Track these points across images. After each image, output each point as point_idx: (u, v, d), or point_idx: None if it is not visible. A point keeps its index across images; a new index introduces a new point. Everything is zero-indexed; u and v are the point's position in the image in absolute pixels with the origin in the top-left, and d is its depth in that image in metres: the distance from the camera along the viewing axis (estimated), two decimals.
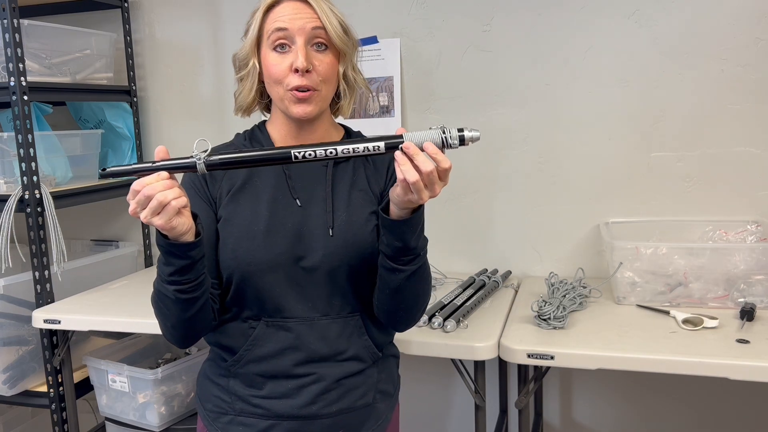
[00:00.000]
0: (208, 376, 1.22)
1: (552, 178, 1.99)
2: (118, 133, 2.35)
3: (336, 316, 1.14)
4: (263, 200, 1.13)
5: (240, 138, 1.22)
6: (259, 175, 1.15)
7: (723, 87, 1.82)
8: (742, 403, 1.93)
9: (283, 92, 1.11)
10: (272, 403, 1.14)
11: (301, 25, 1.10)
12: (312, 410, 1.13)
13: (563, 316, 1.52)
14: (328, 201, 1.15)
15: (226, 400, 1.17)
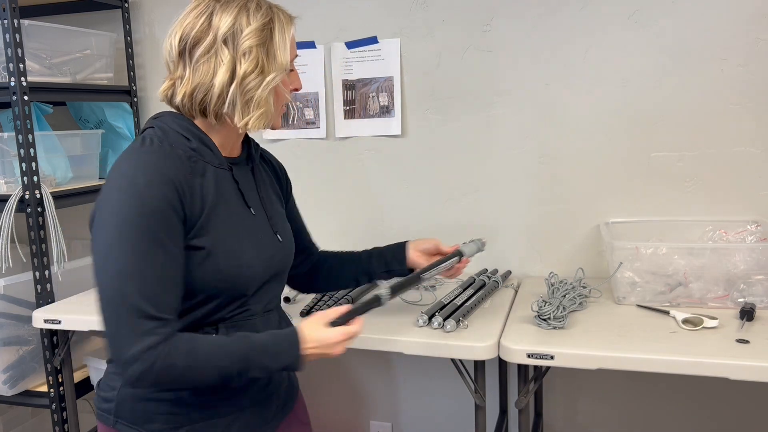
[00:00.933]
0: (144, 397, 1.11)
1: (552, 178, 1.99)
2: (119, 133, 2.35)
3: (277, 308, 1.26)
4: (236, 214, 1.14)
5: (176, 137, 1.10)
6: (222, 188, 1.12)
7: (723, 87, 1.82)
8: (742, 403, 1.93)
9: (279, 108, 1.18)
10: (230, 401, 1.15)
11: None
12: (259, 399, 1.19)
13: (563, 316, 1.52)
14: (265, 206, 1.22)
15: (179, 413, 1.11)
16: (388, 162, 2.16)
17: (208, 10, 1.09)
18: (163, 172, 1.03)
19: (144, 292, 0.99)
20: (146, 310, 0.99)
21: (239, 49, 1.07)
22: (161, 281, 1.01)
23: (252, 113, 1.10)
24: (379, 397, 2.30)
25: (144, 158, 1.05)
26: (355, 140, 2.17)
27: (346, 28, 2.12)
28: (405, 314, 1.68)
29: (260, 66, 1.09)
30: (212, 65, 1.07)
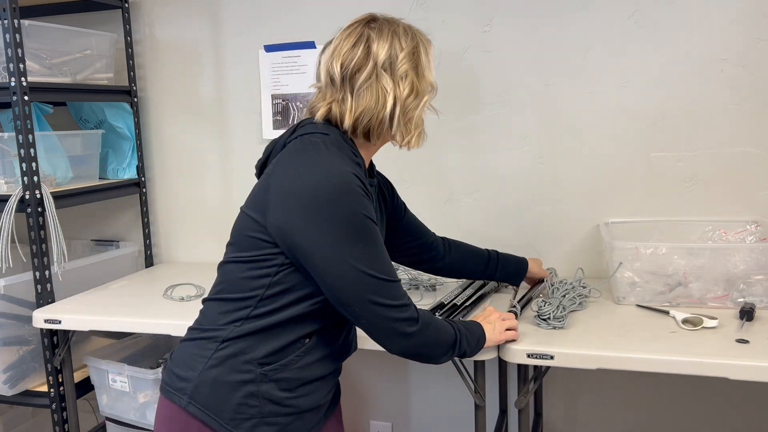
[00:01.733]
0: (227, 383, 1.15)
1: (552, 178, 2.00)
2: (119, 133, 2.35)
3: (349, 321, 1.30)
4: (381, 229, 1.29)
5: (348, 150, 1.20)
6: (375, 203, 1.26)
7: (723, 87, 1.82)
8: (741, 403, 1.93)
9: (422, 130, 1.26)
10: (300, 401, 1.19)
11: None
12: (328, 398, 1.27)
13: (563, 316, 1.52)
14: (382, 225, 1.35)
15: (254, 405, 1.15)
16: (388, 162, 2.16)
17: (363, 38, 1.19)
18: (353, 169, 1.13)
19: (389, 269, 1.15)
20: (393, 279, 1.15)
21: (397, 74, 1.18)
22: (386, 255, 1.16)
23: (413, 133, 1.22)
24: (379, 397, 2.30)
25: (333, 155, 1.14)
26: None
27: None
28: None
29: (415, 88, 1.20)
30: (375, 90, 1.18)
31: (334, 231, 1.07)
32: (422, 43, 1.22)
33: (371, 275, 1.09)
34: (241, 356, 1.15)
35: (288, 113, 2.22)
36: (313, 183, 1.08)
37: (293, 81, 2.17)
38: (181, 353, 1.21)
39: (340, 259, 1.08)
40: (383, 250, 1.13)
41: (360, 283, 1.09)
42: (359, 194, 1.09)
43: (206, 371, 1.15)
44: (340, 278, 1.09)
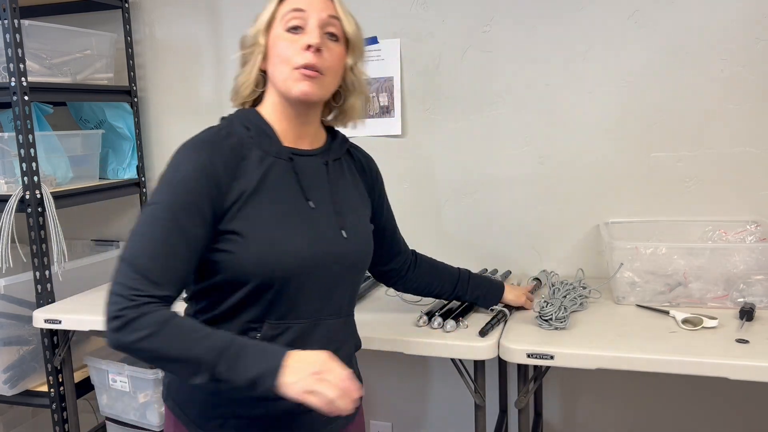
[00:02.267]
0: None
1: (552, 178, 2.00)
2: (119, 133, 2.35)
3: (339, 317, 1.18)
4: (282, 202, 1.11)
5: (239, 127, 1.13)
6: (273, 176, 1.11)
7: (723, 87, 1.82)
8: (741, 403, 1.93)
9: (289, 71, 1.09)
10: (271, 404, 1.11)
11: (319, 8, 1.11)
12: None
13: (565, 316, 1.52)
14: (335, 202, 1.17)
15: (217, 404, 1.12)
16: (388, 162, 2.15)
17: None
18: (203, 156, 1.06)
19: (145, 255, 1.01)
20: (142, 273, 0.99)
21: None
22: (165, 248, 1.01)
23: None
24: (379, 397, 2.30)
25: (191, 144, 1.09)
26: (355, 140, 2.16)
27: None
28: (405, 314, 1.68)
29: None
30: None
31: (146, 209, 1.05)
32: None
33: (127, 251, 1.02)
34: None
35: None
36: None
37: None
38: None
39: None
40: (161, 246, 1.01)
41: (122, 251, 1.04)
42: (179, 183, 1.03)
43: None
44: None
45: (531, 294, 1.70)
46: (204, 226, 1.04)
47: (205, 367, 0.96)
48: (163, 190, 1.04)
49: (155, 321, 0.97)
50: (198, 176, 1.04)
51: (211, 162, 1.05)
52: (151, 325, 0.96)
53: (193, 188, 1.03)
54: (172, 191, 1.03)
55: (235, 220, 1.06)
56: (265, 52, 1.13)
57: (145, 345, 0.96)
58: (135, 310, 0.97)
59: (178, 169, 1.05)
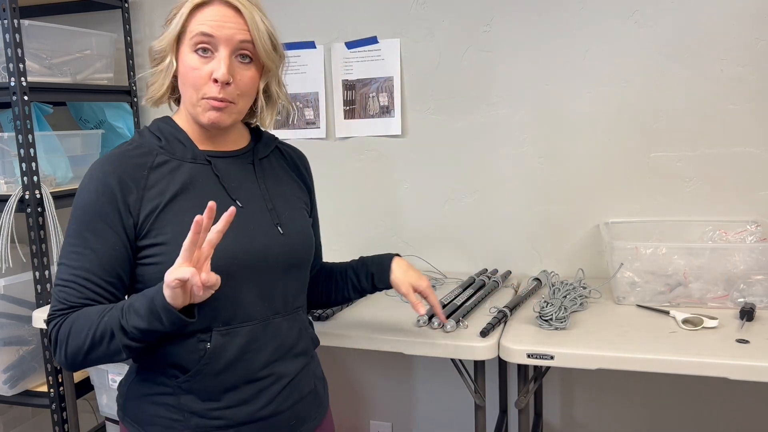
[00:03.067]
0: (147, 397, 1.11)
1: (552, 177, 2.00)
2: (119, 133, 2.35)
3: (287, 314, 1.17)
4: (205, 206, 1.03)
5: (149, 138, 1.13)
6: (193, 181, 1.10)
7: (723, 87, 1.82)
8: (741, 403, 1.93)
9: (197, 99, 1.08)
10: (232, 412, 1.10)
11: (229, 35, 1.07)
12: (271, 409, 1.13)
13: (565, 316, 1.52)
14: (266, 198, 1.16)
15: (178, 419, 1.09)
16: (388, 162, 2.16)
17: None
18: (106, 171, 1.07)
19: (59, 279, 1.06)
20: (57, 296, 1.05)
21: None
22: (77, 271, 1.04)
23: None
24: (379, 397, 2.30)
25: (99, 160, 1.11)
26: (355, 140, 2.18)
27: (346, 28, 2.12)
28: (405, 314, 1.68)
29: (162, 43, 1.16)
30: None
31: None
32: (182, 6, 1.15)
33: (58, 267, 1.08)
34: (158, 367, 1.10)
35: (288, 113, 2.22)
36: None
37: (293, 81, 2.17)
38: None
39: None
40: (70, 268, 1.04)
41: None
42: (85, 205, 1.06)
43: (132, 386, 1.15)
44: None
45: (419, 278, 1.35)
46: (118, 244, 1.05)
47: (115, 327, 1.00)
48: (73, 215, 1.07)
49: (67, 324, 1.03)
50: (100, 196, 1.05)
51: (114, 178, 1.06)
52: (66, 328, 1.03)
53: (97, 210, 1.05)
54: (79, 217, 1.06)
55: (153, 231, 1.06)
56: (175, 67, 1.12)
57: (72, 347, 1.02)
58: (54, 330, 1.05)
59: (82, 193, 1.07)
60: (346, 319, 1.66)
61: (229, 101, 1.08)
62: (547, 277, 1.86)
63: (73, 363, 1.04)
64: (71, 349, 1.03)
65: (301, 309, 1.22)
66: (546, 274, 1.88)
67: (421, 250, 2.14)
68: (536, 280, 1.85)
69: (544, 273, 1.89)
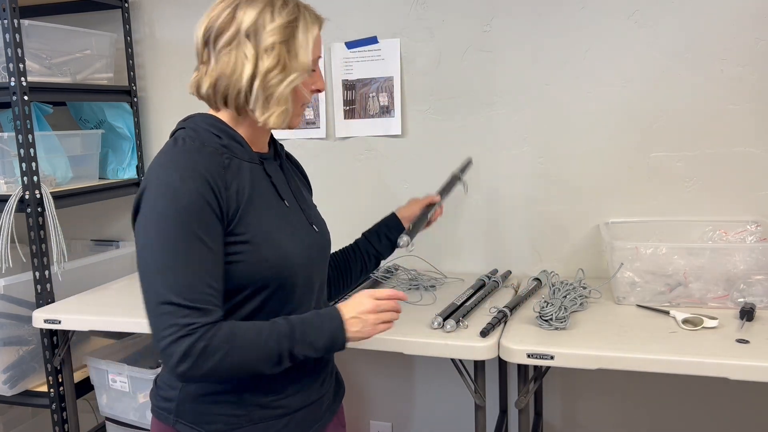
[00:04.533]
0: (205, 397, 1.13)
1: (552, 178, 1.99)
2: (119, 133, 2.35)
3: (323, 306, 1.26)
4: (270, 206, 1.14)
5: (208, 136, 1.11)
6: (256, 182, 1.13)
7: (723, 87, 1.82)
8: (741, 403, 1.93)
9: (299, 107, 1.17)
10: (290, 401, 1.16)
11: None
12: (319, 393, 1.22)
13: (565, 316, 1.52)
14: (298, 199, 1.23)
15: (240, 414, 1.12)
16: (388, 162, 2.16)
17: (234, 3, 1.11)
18: (196, 168, 1.04)
19: (176, 286, 1.00)
20: (179, 303, 0.99)
21: (261, 44, 1.08)
22: (197, 275, 1.01)
23: (273, 110, 1.10)
24: (379, 397, 2.30)
25: (177, 157, 1.06)
26: (355, 140, 2.17)
27: (346, 28, 2.12)
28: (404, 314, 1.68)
29: (282, 63, 1.09)
30: (233, 57, 1.09)
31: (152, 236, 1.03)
32: (304, 20, 1.12)
33: (160, 288, 1.01)
34: None
35: None
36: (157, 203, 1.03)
37: None
38: (164, 374, 1.19)
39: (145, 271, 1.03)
40: (191, 271, 1.01)
41: (147, 297, 1.02)
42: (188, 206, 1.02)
43: (186, 387, 1.14)
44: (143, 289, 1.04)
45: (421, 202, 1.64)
46: (222, 240, 1.06)
47: (284, 355, 1.05)
48: (173, 217, 1.01)
49: (223, 340, 1.01)
50: (203, 195, 1.03)
51: (209, 175, 1.04)
52: (222, 346, 1.01)
53: (202, 208, 1.02)
54: (186, 218, 1.01)
55: (239, 229, 1.07)
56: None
57: (226, 365, 1.01)
58: (201, 341, 0.99)
59: (179, 194, 1.02)
60: None
61: None
62: (547, 277, 1.86)
63: (209, 375, 1.02)
64: (229, 363, 1.01)
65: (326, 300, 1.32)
66: (546, 274, 1.88)
67: (421, 250, 2.14)
68: (536, 280, 1.85)
69: (544, 273, 1.89)
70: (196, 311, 1.00)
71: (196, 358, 0.99)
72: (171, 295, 0.99)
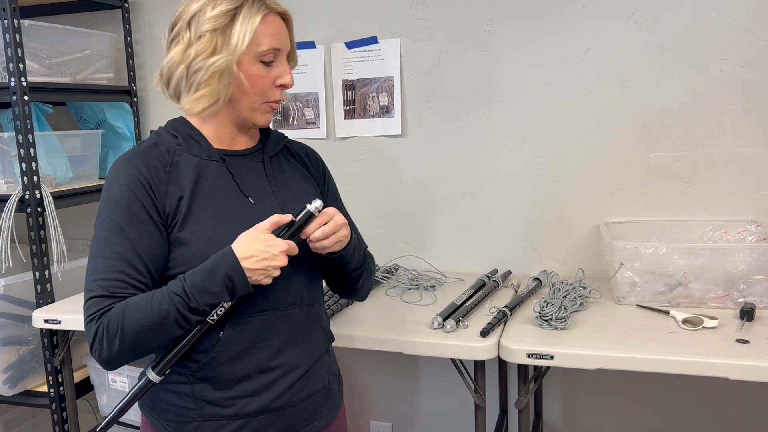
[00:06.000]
0: (163, 386, 1.14)
1: (552, 178, 1.99)
2: (119, 133, 2.35)
3: (302, 306, 1.18)
4: (221, 202, 1.12)
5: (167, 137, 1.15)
6: (207, 178, 1.13)
7: (723, 87, 1.82)
8: (741, 403, 1.93)
9: (259, 104, 1.15)
10: (244, 402, 1.12)
11: (286, 46, 1.17)
12: (282, 401, 1.15)
13: (565, 316, 1.52)
14: (277, 195, 1.19)
15: (191, 407, 1.12)
16: (388, 162, 2.16)
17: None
18: (131, 167, 1.09)
19: (93, 275, 1.06)
20: (93, 290, 1.05)
21: (197, 32, 1.10)
22: (112, 263, 1.05)
23: (195, 95, 1.11)
24: (379, 397, 2.30)
25: (124, 158, 1.12)
26: (355, 140, 2.18)
27: (346, 28, 2.12)
28: (405, 314, 1.69)
29: (212, 48, 1.10)
30: (177, 46, 1.13)
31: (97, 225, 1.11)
32: (248, 9, 1.10)
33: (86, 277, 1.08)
34: None
35: (288, 113, 2.22)
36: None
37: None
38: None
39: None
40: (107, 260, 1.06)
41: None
42: (116, 198, 1.08)
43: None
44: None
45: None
46: (152, 233, 1.08)
47: (181, 314, 1.02)
48: (104, 209, 1.09)
49: (116, 318, 1.02)
50: (131, 188, 1.07)
51: (139, 172, 1.08)
52: (116, 324, 1.02)
53: (132, 199, 1.07)
54: (113, 209, 1.07)
55: (178, 227, 1.09)
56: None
57: (127, 339, 1.02)
58: (101, 326, 1.03)
59: (111, 188, 1.09)
60: (346, 320, 1.67)
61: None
62: (547, 277, 1.86)
63: (122, 353, 1.03)
64: (127, 335, 1.02)
65: (317, 302, 1.23)
66: (546, 274, 1.88)
67: (421, 250, 2.14)
68: (536, 280, 1.85)
69: (544, 273, 1.89)
70: (104, 298, 1.04)
71: (101, 341, 1.03)
72: (90, 283, 1.06)
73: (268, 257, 1.05)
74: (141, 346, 1.04)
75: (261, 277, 1.05)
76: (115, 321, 1.02)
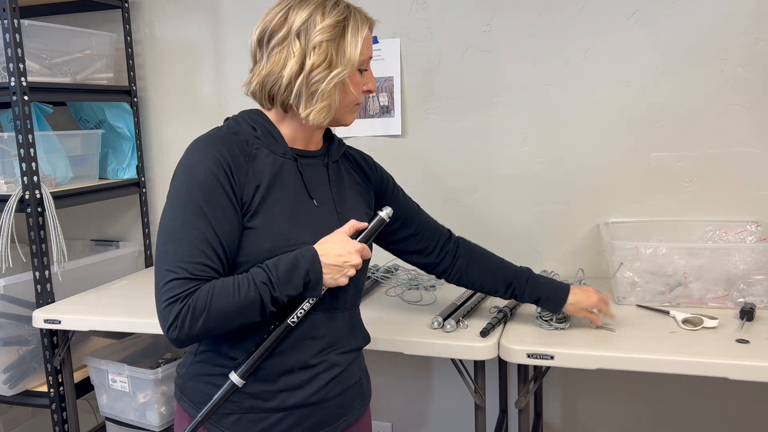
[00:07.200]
0: (204, 377, 1.17)
1: (552, 178, 1.99)
2: (119, 133, 2.35)
3: (344, 309, 1.23)
4: (291, 200, 1.16)
5: (246, 127, 1.18)
6: (281, 175, 1.16)
7: (723, 87, 1.82)
8: (741, 403, 1.93)
9: (350, 106, 1.20)
10: (285, 396, 1.16)
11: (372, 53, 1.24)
12: (320, 396, 1.19)
13: (565, 317, 1.52)
14: (336, 201, 1.24)
15: (232, 400, 1.14)
16: (388, 162, 2.15)
17: (287, 6, 1.16)
18: (214, 151, 1.11)
19: (175, 256, 1.06)
20: (175, 271, 1.05)
21: (310, 42, 1.13)
22: (194, 246, 1.07)
23: (314, 105, 1.14)
24: (379, 397, 2.30)
25: (206, 141, 1.14)
26: (355, 140, 2.17)
27: None
28: (405, 314, 1.68)
29: (328, 60, 1.13)
30: (283, 56, 1.13)
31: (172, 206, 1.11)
32: (354, 20, 1.16)
33: (159, 254, 1.09)
34: (218, 350, 1.16)
35: None
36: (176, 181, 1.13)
37: None
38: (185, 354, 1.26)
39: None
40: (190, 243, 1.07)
41: (156, 262, 1.10)
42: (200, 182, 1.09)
43: (191, 366, 1.20)
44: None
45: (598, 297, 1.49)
46: (232, 219, 1.10)
47: (264, 302, 1.07)
48: (185, 192, 1.09)
49: (203, 300, 1.05)
50: (215, 173, 1.09)
51: (222, 157, 1.10)
52: (202, 306, 1.04)
53: (214, 186, 1.08)
54: (194, 193, 1.08)
55: (249, 216, 1.12)
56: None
57: (212, 321, 1.05)
58: (186, 307, 1.05)
59: (194, 171, 1.10)
60: None
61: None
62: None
63: (201, 334, 1.06)
64: (212, 317, 1.05)
65: (356, 307, 1.28)
66: (546, 274, 1.87)
67: None
68: None
69: (544, 273, 1.88)
70: (188, 280, 1.05)
71: (182, 322, 1.04)
72: (170, 263, 1.06)
73: (344, 254, 1.12)
74: (219, 328, 1.07)
75: (338, 275, 1.12)
76: (202, 303, 1.05)
